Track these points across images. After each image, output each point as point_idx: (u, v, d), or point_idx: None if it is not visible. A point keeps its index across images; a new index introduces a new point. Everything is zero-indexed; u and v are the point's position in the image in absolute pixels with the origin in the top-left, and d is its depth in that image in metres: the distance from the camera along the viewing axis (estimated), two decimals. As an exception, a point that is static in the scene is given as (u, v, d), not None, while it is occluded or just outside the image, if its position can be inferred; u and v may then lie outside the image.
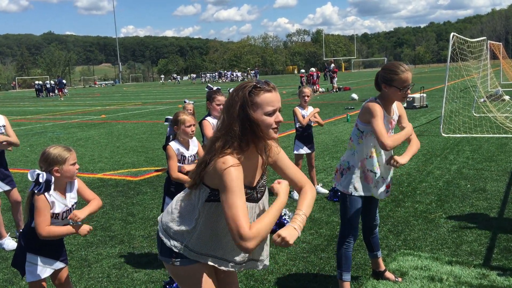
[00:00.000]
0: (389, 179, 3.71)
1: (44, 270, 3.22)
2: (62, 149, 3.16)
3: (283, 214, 5.42)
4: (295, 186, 2.44)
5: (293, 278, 4.20)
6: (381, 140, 3.35)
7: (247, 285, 4.10)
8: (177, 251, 2.29)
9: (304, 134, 6.78)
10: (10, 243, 5.25)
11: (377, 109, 3.43)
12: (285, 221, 5.34)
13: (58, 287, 3.40)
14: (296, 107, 6.79)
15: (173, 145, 4.24)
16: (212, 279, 2.36)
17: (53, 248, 3.25)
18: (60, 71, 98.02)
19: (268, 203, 2.41)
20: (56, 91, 46.57)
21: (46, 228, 3.06)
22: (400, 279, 4.02)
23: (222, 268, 2.33)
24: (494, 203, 6.00)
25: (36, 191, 3.03)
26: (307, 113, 6.69)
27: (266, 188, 2.42)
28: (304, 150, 6.77)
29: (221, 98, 5.25)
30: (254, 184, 2.31)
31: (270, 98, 2.20)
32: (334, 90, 30.90)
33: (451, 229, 5.18)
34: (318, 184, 6.98)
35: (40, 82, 52.79)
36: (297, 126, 6.79)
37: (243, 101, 2.16)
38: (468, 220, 5.42)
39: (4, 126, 5.22)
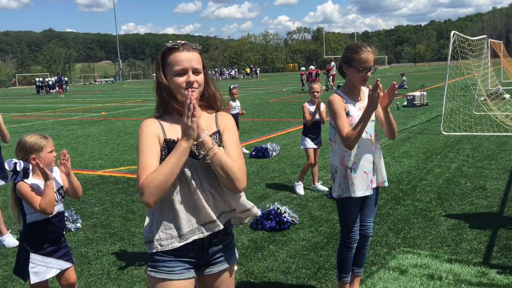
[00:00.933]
0: (373, 175, 3.39)
1: (49, 270, 3.18)
2: (38, 137, 3.16)
3: (283, 211, 5.42)
4: None
5: (293, 275, 4.21)
6: (341, 138, 3.21)
7: (247, 283, 4.11)
8: (151, 249, 2.16)
9: (312, 129, 6.80)
10: (11, 240, 5.26)
11: (336, 103, 3.26)
12: (285, 219, 5.35)
13: (65, 287, 3.36)
14: (306, 103, 6.81)
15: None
16: None
17: (55, 246, 3.21)
18: (60, 68, 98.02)
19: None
20: (57, 88, 46.54)
21: (42, 204, 3.04)
22: None
23: (216, 229, 2.16)
24: (494, 202, 6.00)
25: (15, 181, 3.06)
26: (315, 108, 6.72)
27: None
28: (311, 145, 6.78)
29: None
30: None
31: (179, 58, 2.11)
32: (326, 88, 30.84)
33: (450, 227, 5.18)
34: (318, 182, 6.98)
35: (41, 79, 52.75)
36: (304, 121, 6.83)
37: (157, 65, 2.18)
38: (468, 218, 5.43)
39: None
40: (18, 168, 3.05)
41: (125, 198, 6.94)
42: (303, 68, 34.69)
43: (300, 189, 6.83)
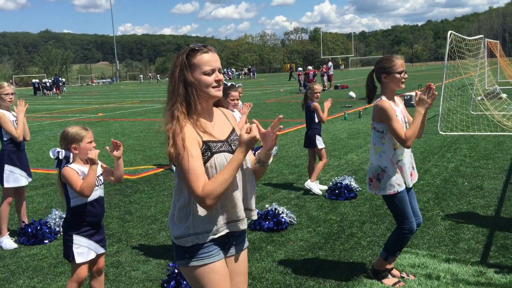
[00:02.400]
0: (413, 168, 3.87)
1: (90, 252, 3.39)
2: (79, 128, 3.43)
3: (281, 212, 5.42)
4: None
5: (291, 276, 4.21)
6: (400, 140, 3.61)
7: (245, 283, 4.10)
8: (186, 244, 2.30)
9: (320, 129, 6.94)
10: (8, 242, 5.24)
11: (388, 107, 3.65)
12: (283, 219, 5.34)
13: (95, 273, 3.55)
14: (314, 102, 6.78)
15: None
16: (226, 278, 2.39)
17: (94, 230, 3.41)
18: (57, 69, 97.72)
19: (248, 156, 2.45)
20: (54, 89, 46.44)
21: (82, 186, 3.27)
22: (412, 277, 4.04)
23: (240, 227, 2.38)
24: (491, 201, 6.01)
25: (60, 168, 3.33)
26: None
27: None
28: (323, 144, 6.90)
29: (235, 94, 5.44)
30: (225, 138, 2.38)
31: (207, 58, 2.30)
32: (325, 89, 30.89)
33: (448, 227, 5.19)
34: (316, 182, 6.97)
35: (38, 80, 52.62)
36: (317, 120, 6.84)
37: (181, 65, 2.30)
38: (465, 218, 5.44)
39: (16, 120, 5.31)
40: (60, 157, 3.33)
41: (123, 200, 6.93)
42: (300, 69, 34.72)
43: (316, 189, 6.76)
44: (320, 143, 6.84)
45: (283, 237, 5.15)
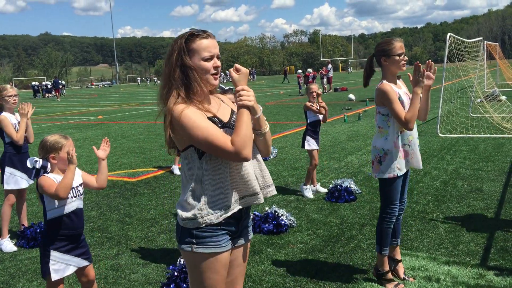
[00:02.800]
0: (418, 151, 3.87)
1: (68, 268, 3.26)
2: (59, 137, 3.28)
3: (280, 214, 5.42)
4: None
5: (291, 278, 4.20)
6: (401, 122, 3.62)
7: (245, 286, 4.09)
8: (199, 225, 2.27)
9: (314, 130, 6.77)
10: (8, 245, 5.23)
11: (389, 89, 3.66)
12: (282, 222, 5.34)
13: (85, 284, 3.46)
14: (307, 102, 6.75)
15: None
16: (226, 269, 2.38)
17: (74, 244, 3.28)
18: (57, 72, 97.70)
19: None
20: (53, 92, 46.43)
21: (57, 186, 3.12)
22: (411, 279, 4.04)
23: (256, 202, 2.35)
24: (491, 203, 6.01)
25: (37, 178, 3.22)
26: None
27: None
28: (315, 146, 6.77)
29: (231, 97, 5.36)
30: (227, 120, 2.36)
31: (207, 44, 2.27)
32: (324, 91, 30.93)
33: (448, 229, 5.19)
34: (317, 184, 6.97)
35: (37, 83, 52.63)
36: (309, 121, 6.77)
37: (180, 49, 2.27)
38: (465, 220, 5.43)
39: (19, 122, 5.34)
40: (37, 166, 3.20)
41: (122, 202, 6.92)
42: (299, 71, 34.75)
43: (309, 192, 6.77)
44: (309, 144, 6.75)
45: (283, 239, 5.14)
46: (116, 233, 5.61)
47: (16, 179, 5.31)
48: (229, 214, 2.28)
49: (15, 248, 5.21)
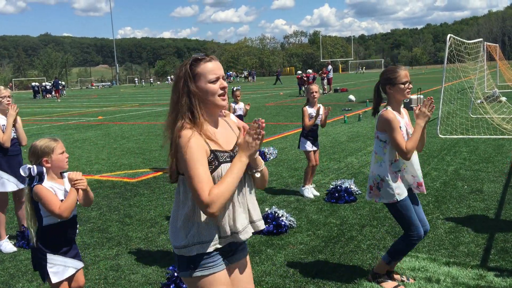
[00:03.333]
0: (420, 177, 3.87)
1: (67, 269, 3.24)
2: (48, 140, 3.24)
3: (280, 215, 5.41)
4: None
5: (291, 279, 4.20)
6: (401, 152, 3.64)
7: (245, 287, 4.09)
8: (191, 253, 2.30)
9: (311, 132, 6.77)
10: (8, 246, 5.23)
11: (393, 118, 3.68)
12: (282, 222, 5.34)
13: None
14: (306, 106, 6.75)
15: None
16: (229, 287, 2.41)
17: (68, 246, 3.26)
18: (57, 73, 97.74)
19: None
20: (53, 93, 46.45)
21: (62, 208, 3.08)
22: (411, 280, 4.04)
23: (236, 240, 2.37)
24: (491, 204, 6.01)
25: (32, 185, 3.12)
26: (315, 112, 6.68)
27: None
28: (311, 148, 6.77)
29: (238, 122, 5.45)
30: (231, 149, 2.38)
31: (211, 67, 2.32)
32: (324, 92, 30.93)
33: (448, 230, 5.19)
34: (311, 185, 6.96)
35: (37, 84, 52.65)
36: (304, 125, 6.79)
37: (185, 75, 2.32)
38: (465, 221, 5.43)
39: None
40: (33, 173, 3.11)
41: (122, 203, 6.92)
42: (299, 72, 34.76)
43: (308, 192, 6.79)
44: (303, 145, 6.78)
45: (283, 240, 5.14)
46: (116, 234, 5.61)
47: (2, 181, 5.22)
48: (220, 246, 2.33)
49: (14, 249, 5.21)
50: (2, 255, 5.12)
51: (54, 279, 3.17)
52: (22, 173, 3.10)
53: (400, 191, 3.74)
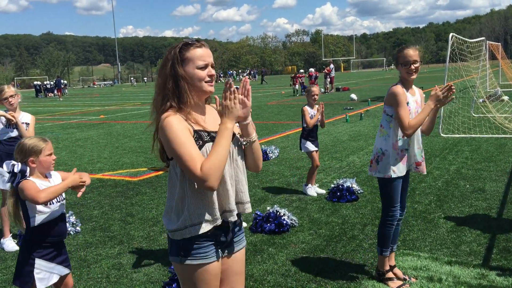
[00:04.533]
0: (418, 157, 3.89)
1: (52, 276, 3.17)
2: (37, 140, 3.16)
3: (282, 214, 5.42)
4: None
5: (292, 278, 4.20)
6: (403, 127, 3.65)
7: (247, 285, 4.10)
8: (184, 236, 2.28)
9: (311, 132, 6.78)
10: (10, 244, 5.25)
11: (401, 93, 3.70)
12: (284, 221, 5.34)
13: None
14: (306, 106, 6.77)
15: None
16: (217, 279, 2.39)
17: (56, 251, 3.19)
18: (59, 72, 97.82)
19: (238, 147, 2.39)
20: (55, 91, 46.51)
21: (40, 193, 2.97)
22: (413, 279, 4.03)
23: (230, 219, 2.33)
24: (493, 203, 6.00)
25: (14, 184, 3.05)
26: (316, 113, 6.70)
27: (236, 136, 2.40)
28: (313, 148, 6.78)
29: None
30: (216, 130, 2.31)
31: (201, 53, 2.30)
32: (326, 91, 30.90)
33: (450, 229, 5.18)
34: (315, 184, 6.97)
35: (39, 82, 52.71)
36: (305, 125, 6.79)
37: (173, 59, 2.29)
38: (467, 221, 5.43)
39: (28, 124, 5.33)
40: (15, 170, 3.04)
41: (124, 201, 6.93)
42: (302, 71, 34.73)
43: (311, 191, 6.82)
44: (304, 146, 6.80)
45: (285, 239, 5.14)
46: (118, 233, 5.61)
47: (4, 180, 5.22)
48: (211, 227, 2.29)
49: (17, 247, 5.22)
50: (5, 253, 5.14)
51: (40, 286, 3.09)
52: (4, 168, 3.05)
53: (397, 169, 3.77)
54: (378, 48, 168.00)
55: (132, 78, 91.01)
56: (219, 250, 2.37)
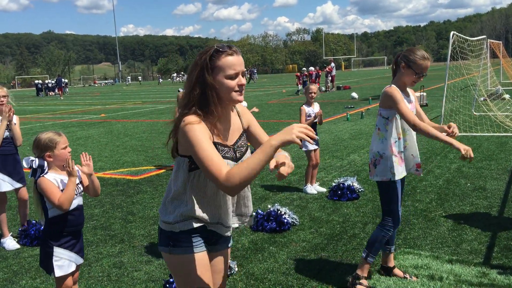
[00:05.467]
0: (418, 158, 3.85)
1: (71, 265, 3.27)
2: (52, 134, 3.25)
3: (283, 212, 5.41)
4: None
5: (293, 276, 4.21)
6: (410, 120, 3.54)
7: (247, 284, 4.10)
8: (175, 230, 2.32)
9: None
10: (11, 243, 5.24)
11: (396, 92, 3.62)
12: (285, 220, 5.34)
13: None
14: (303, 105, 6.76)
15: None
16: (207, 269, 2.39)
17: (74, 240, 3.29)
18: (60, 70, 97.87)
19: None
20: (56, 90, 46.51)
21: (61, 199, 3.13)
22: (414, 278, 4.02)
23: (218, 231, 2.39)
24: (494, 202, 6.00)
25: (35, 178, 3.19)
26: (314, 111, 6.69)
27: (248, 150, 2.45)
28: (312, 147, 6.78)
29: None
30: (232, 144, 2.35)
31: (232, 62, 2.21)
32: (327, 90, 30.88)
33: (451, 227, 5.18)
34: (316, 183, 6.97)
35: (40, 81, 52.72)
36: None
37: (203, 66, 2.21)
38: (468, 219, 5.42)
39: (15, 124, 5.27)
40: (34, 166, 3.18)
41: (125, 200, 6.93)
42: (304, 69, 34.70)
43: (310, 189, 6.82)
44: (306, 144, 6.76)
45: (286, 238, 5.14)
46: (119, 231, 5.62)
47: None
48: (201, 225, 2.33)
49: (17, 246, 5.22)
50: (6, 252, 5.14)
51: (58, 273, 3.20)
52: (24, 164, 3.19)
53: (396, 171, 3.69)
54: (379, 47, 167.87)
55: (128, 77, 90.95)
56: (205, 243, 2.39)
